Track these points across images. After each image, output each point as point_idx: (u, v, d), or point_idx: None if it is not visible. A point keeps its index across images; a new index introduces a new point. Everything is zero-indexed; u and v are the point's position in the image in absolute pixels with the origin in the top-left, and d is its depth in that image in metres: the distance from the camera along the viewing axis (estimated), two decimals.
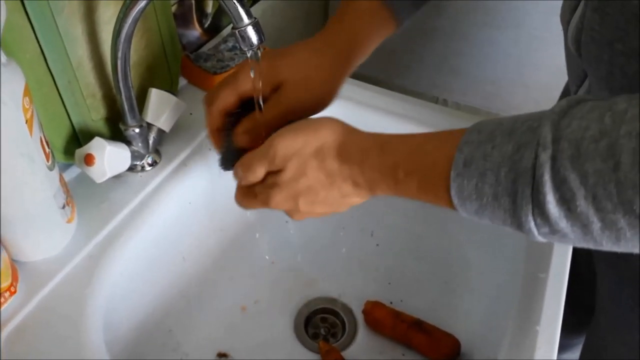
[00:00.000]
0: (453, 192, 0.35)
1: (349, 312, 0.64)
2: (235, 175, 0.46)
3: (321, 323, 0.64)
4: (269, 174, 0.44)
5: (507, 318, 0.54)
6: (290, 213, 0.45)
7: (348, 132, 0.43)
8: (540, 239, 0.34)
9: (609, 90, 0.45)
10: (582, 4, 0.45)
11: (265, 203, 0.44)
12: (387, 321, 0.61)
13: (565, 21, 0.49)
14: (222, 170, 0.51)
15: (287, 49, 0.51)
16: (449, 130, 0.38)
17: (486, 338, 0.57)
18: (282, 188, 0.43)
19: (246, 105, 0.49)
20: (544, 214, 0.32)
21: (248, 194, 0.46)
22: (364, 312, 0.62)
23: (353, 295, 0.65)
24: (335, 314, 0.64)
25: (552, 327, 0.49)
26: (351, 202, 0.43)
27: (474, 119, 0.68)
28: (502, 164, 0.33)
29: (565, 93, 0.72)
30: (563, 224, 0.31)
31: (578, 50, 0.46)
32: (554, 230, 0.32)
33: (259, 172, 0.44)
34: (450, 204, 0.37)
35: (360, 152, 0.41)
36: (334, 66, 0.50)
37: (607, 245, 0.32)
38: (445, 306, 0.63)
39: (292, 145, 0.42)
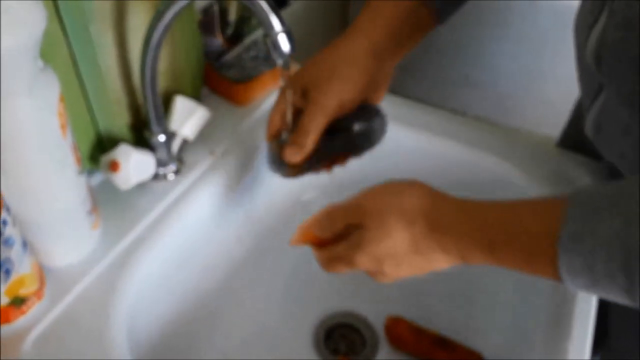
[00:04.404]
0: (563, 269, 0.35)
1: (370, 327, 0.63)
2: (315, 225, 0.45)
3: (341, 338, 0.63)
4: (349, 228, 0.43)
5: (535, 334, 0.53)
6: (374, 275, 0.43)
7: (434, 197, 0.41)
8: None
9: (629, 106, 0.44)
10: (603, 18, 0.44)
11: (350, 264, 0.43)
12: (409, 337, 0.60)
13: (583, 35, 0.48)
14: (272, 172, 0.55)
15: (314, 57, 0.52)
16: (541, 199, 0.38)
17: (513, 355, 0.56)
18: (365, 248, 0.41)
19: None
20: None
21: (332, 259, 0.44)
22: (386, 327, 0.61)
23: (374, 310, 0.64)
24: (356, 329, 0.63)
25: (583, 344, 0.48)
26: (438, 266, 0.42)
27: (494, 130, 0.67)
28: (611, 241, 0.32)
29: (578, 107, 0.71)
30: None
31: (598, 64, 0.46)
32: None
33: (338, 223, 0.43)
34: (556, 278, 0.36)
35: (450, 221, 0.40)
36: (364, 59, 0.51)
37: None
38: (469, 322, 0.62)
39: (374, 201, 0.42)
